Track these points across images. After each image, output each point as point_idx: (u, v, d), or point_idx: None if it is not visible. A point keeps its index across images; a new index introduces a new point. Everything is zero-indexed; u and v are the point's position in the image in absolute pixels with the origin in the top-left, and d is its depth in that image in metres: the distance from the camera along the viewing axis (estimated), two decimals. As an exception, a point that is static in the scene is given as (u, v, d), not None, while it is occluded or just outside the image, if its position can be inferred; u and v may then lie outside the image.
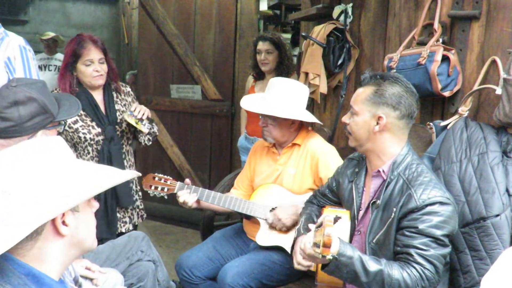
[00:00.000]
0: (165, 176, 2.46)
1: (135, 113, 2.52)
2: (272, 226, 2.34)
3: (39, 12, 7.10)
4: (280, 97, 2.33)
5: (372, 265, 1.53)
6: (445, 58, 1.99)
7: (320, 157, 2.33)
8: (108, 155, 2.56)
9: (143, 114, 2.53)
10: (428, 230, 1.55)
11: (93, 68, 2.50)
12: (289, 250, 2.27)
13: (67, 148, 1.15)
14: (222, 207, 2.41)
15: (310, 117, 2.37)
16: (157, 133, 2.75)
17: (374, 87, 1.73)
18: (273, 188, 2.42)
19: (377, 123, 1.71)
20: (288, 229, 2.32)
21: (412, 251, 1.56)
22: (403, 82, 1.72)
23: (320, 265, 1.66)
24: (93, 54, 2.50)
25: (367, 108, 1.72)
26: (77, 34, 2.59)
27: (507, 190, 1.70)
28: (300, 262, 1.85)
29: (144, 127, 2.55)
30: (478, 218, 1.71)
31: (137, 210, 2.76)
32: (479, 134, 1.82)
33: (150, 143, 2.73)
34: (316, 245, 1.50)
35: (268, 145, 2.53)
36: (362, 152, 1.83)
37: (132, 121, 2.51)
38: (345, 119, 1.83)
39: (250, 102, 2.43)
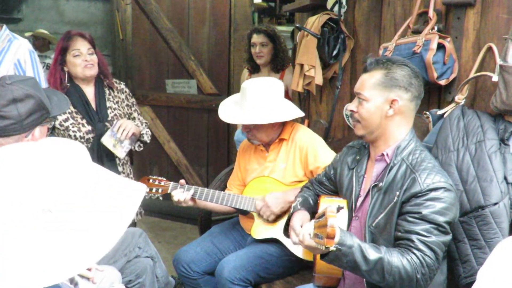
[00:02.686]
0: (159, 178, 2.47)
1: (118, 133, 2.46)
2: (260, 214, 2.32)
3: (33, 10, 7.03)
4: (256, 102, 2.32)
5: (372, 254, 1.51)
6: (440, 46, 1.96)
7: (309, 148, 2.33)
8: (98, 153, 2.54)
9: (127, 134, 2.48)
10: (431, 216, 1.55)
11: (82, 58, 2.50)
12: (284, 242, 2.26)
13: (88, 155, 1.13)
14: (216, 203, 2.40)
15: (290, 115, 2.36)
16: (148, 142, 2.71)
17: (384, 71, 1.70)
18: (265, 181, 2.41)
19: (390, 107, 1.69)
20: (275, 219, 2.31)
21: (413, 237, 1.55)
22: (410, 65, 1.72)
23: (318, 256, 1.65)
24: (80, 44, 2.51)
25: (378, 93, 1.70)
26: (66, 32, 2.60)
27: (505, 178, 1.68)
28: (296, 243, 1.85)
29: (121, 151, 2.49)
30: (476, 207, 1.70)
31: None
32: (476, 122, 1.80)
33: (141, 149, 2.70)
34: (317, 236, 1.48)
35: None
36: (370, 140, 1.79)
37: (109, 144, 2.45)
38: (351, 107, 1.79)
39: (228, 112, 2.42)
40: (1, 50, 2.92)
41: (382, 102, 1.70)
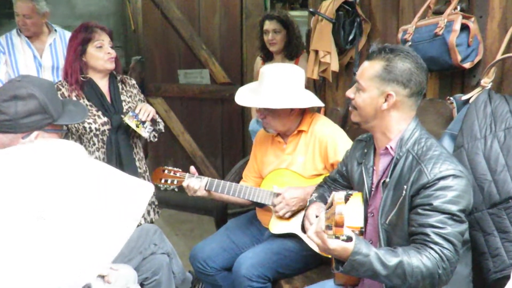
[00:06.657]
0: (174, 169, 2.41)
1: (139, 115, 2.44)
2: (276, 210, 2.26)
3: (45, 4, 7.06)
4: (273, 87, 2.23)
5: (390, 259, 1.44)
6: (464, 27, 1.86)
7: (329, 141, 2.25)
8: (116, 146, 2.50)
9: (148, 115, 2.46)
10: (443, 206, 1.47)
11: (105, 50, 2.48)
12: (303, 237, 2.20)
13: (86, 155, 1.06)
14: (232, 196, 2.34)
15: (308, 102, 2.28)
16: (163, 130, 2.68)
17: (384, 63, 1.63)
18: (284, 174, 2.34)
19: (385, 101, 1.62)
20: (293, 214, 2.25)
21: (428, 230, 1.48)
22: (414, 57, 1.63)
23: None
24: (104, 36, 2.50)
25: (375, 85, 1.64)
26: (81, 24, 2.56)
27: (537, 166, 1.59)
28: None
29: (144, 131, 2.46)
30: (506, 198, 1.61)
31: (153, 206, 2.71)
32: (505, 107, 1.71)
33: (156, 139, 2.64)
34: (328, 227, 1.40)
35: (272, 134, 2.44)
36: (366, 128, 1.75)
37: (132, 124, 2.43)
38: (349, 93, 1.74)
39: (244, 96, 2.35)
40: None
41: (377, 94, 1.64)
